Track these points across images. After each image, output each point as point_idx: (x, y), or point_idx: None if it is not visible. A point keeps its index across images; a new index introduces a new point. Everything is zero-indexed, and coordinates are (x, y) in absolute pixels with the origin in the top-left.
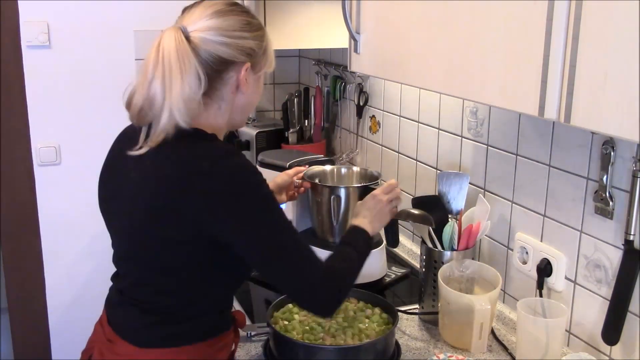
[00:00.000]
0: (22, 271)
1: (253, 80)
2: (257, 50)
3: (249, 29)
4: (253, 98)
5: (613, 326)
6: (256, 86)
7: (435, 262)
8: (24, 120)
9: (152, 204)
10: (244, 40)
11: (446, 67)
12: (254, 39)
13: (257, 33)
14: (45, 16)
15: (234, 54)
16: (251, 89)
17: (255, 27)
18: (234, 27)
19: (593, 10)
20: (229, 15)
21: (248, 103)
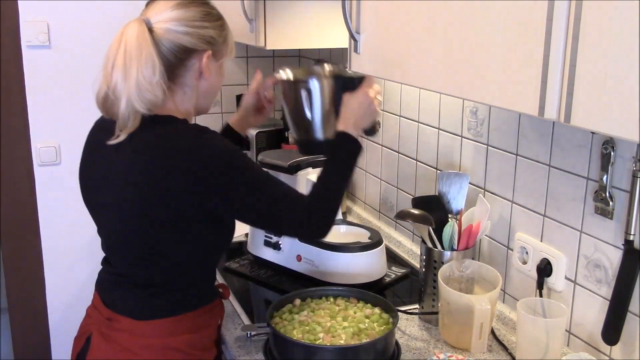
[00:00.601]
0: (22, 271)
1: (215, 67)
2: (218, 38)
3: (209, 19)
4: (216, 84)
5: (613, 326)
6: (218, 73)
7: (435, 262)
8: (24, 120)
9: (141, 187)
10: (204, 30)
11: (446, 67)
12: (214, 28)
13: (217, 23)
14: (45, 16)
15: (196, 43)
16: (213, 75)
17: (215, 17)
18: (194, 18)
19: (593, 10)
20: (190, 6)
21: (211, 88)
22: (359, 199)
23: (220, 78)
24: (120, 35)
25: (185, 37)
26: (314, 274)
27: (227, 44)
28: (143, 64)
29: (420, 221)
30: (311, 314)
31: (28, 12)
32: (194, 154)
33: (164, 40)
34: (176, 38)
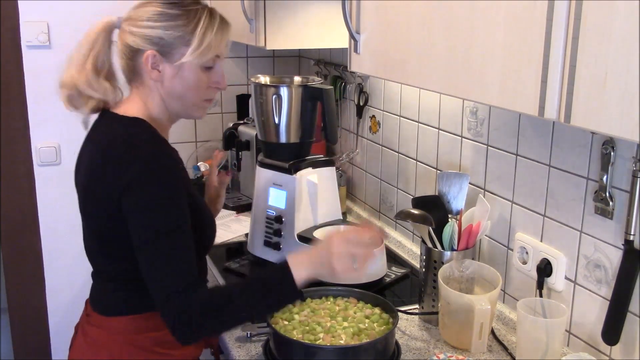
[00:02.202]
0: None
1: (171, 70)
2: (168, 39)
3: (160, 19)
4: (177, 87)
5: (613, 326)
6: (177, 76)
7: (435, 262)
8: (24, 120)
9: (84, 183)
10: (150, 30)
11: (446, 67)
12: (165, 28)
13: (169, 23)
14: (45, 16)
15: (138, 42)
16: (168, 77)
17: (169, 17)
18: (143, 17)
19: (593, 10)
20: (144, 6)
21: (172, 91)
22: (359, 199)
23: (181, 81)
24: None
25: (130, 36)
26: None
27: (190, 46)
28: (90, 59)
29: (420, 221)
30: (311, 314)
31: (28, 12)
32: (121, 164)
33: (119, 39)
34: (125, 37)
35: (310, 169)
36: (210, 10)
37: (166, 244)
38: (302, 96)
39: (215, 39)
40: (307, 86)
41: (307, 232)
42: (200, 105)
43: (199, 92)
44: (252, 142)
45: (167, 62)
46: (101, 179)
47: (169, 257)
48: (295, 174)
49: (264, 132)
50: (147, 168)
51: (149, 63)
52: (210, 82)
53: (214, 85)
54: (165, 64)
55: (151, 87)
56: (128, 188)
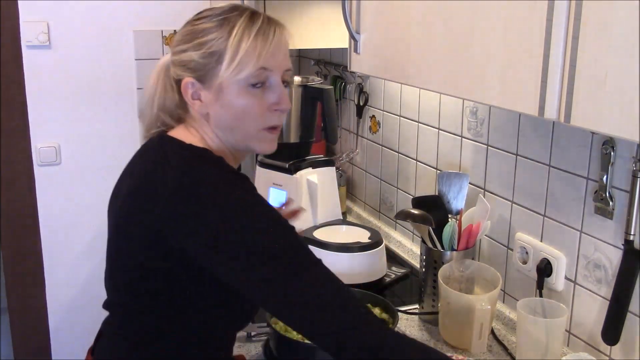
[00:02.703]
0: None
1: (212, 96)
2: (201, 60)
3: (190, 39)
4: (226, 114)
5: (613, 326)
6: (221, 101)
7: (435, 262)
8: (24, 120)
9: (118, 216)
10: (183, 54)
11: (446, 67)
12: (195, 48)
13: (200, 40)
14: (45, 16)
15: (177, 71)
16: (213, 105)
17: (199, 33)
18: (176, 42)
19: (593, 10)
20: (182, 29)
21: (223, 121)
22: (359, 199)
23: (226, 108)
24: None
25: (172, 67)
26: None
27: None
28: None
29: (420, 221)
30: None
31: (28, 12)
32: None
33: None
34: (172, 70)
35: (310, 169)
36: (251, 14)
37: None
38: (302, 96)
39: (255, 46)
40: (307, 86)
41: (307, 232)
42: (260, 136)
43: (252, 118)
44: None
45: (206, 88)
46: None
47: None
48: (295, 174)
49: None
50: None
51: (188, 93)
52: (266, 104)
53: (272, 107)
54: (205, 92)
55: (201, 122)
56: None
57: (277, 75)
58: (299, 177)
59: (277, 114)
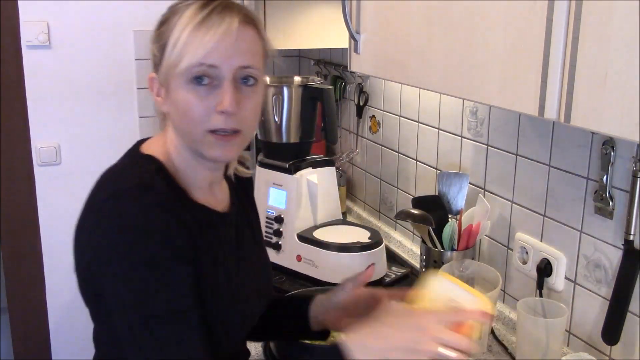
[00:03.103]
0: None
1: (165, 91)
2: (157, 53)
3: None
4: (172, 113)
5: (613, 326)
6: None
7: (435, 262)
8: (24, 120)
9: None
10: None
11: (446, 67)
12: (152, 40)
13: (156, 32)
14: (45, 16)
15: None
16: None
17: (157, 25)
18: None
19: (593, 10)
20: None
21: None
22: (359, 198)
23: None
24: None
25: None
26: (314, 274)
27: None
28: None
29: (420, 221)
30: None
31: (28, 12)
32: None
33: None
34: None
35: (310, 169)
36: (204, 3)
37: (155, 333)
38: (302, 96)
39: (196, 37)
40: (307, 86)
41: (307, 232)
42: (206, 141)
43: (195, 119)
44: (252, 142)
45: (159, 83)
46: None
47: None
48: (295, 174)
49: (264, 132)
50: (117, 234)
51: (153, 90)
52: (212, 105)
53: (217, 108)
54: (162, 88)
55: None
56: (97, 259)
57: (226, 72)
58: (299, 177)
59: (223, 116)
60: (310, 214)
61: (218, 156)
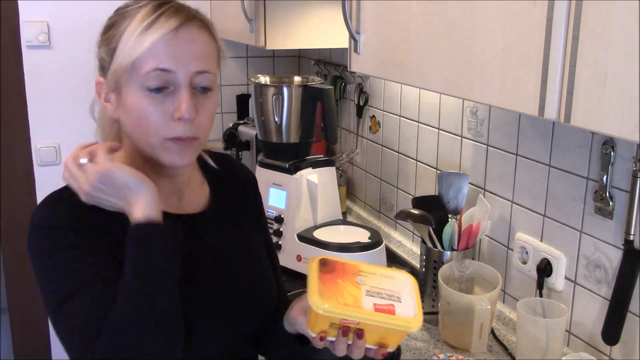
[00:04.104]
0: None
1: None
2: (106, 57)
3: (100, 35)
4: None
5: (613, 326)
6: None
7: (435, 262)
8: (24, 120)
9: None
10: (98, 51)
11: (446, 67)
12: (101, 45)
13: (104, 36)
14: (45, 16)
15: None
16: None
17: (105, 28)
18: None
19: (593, 10)
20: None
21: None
22: (359, 198)
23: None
24: None
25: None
26: None
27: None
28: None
29: (420, 221)
30: None
31: (28, 12)
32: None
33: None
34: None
35: (310, 169)
36: (157, 5)
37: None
38: (302, 96)
39: (149, 42)
40: (307, 86)
41: (307, 232)
42: (165, 147)
43: (152, 126)
44: (252, 142)
45: (110, 89)
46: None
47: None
48: (295, 174)
49: (264, 132)
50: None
51: (101, 95)
52: (169, 111)
53: (174, 115)
54: (112, 93)
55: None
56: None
57: (182, 78)
58: (299, 177)
59: (181, 123)
60: (310, 214)
61: (176, 162)
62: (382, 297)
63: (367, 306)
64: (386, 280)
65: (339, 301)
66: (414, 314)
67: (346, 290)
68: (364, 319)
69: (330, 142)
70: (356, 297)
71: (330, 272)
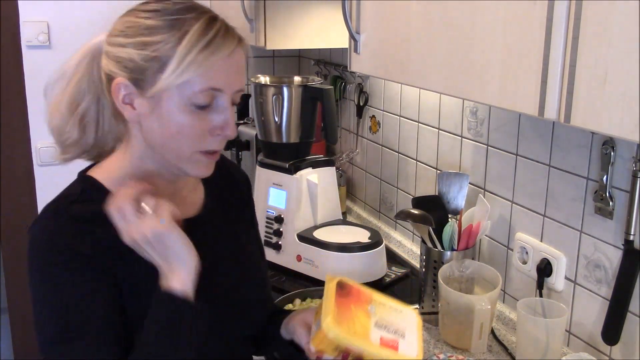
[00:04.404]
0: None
1: (147, 104)
2: (140, 62)
3: (132, 33)
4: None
5: (613, 326)
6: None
7: (435, 262)
8: (24, 120)
9: None
10: (121, 49)
11: (446, 67)
12: (136, 46)
13: (143, 39)
14: (45, 16)
15: (110, 67)
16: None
17: (145, 30)
18: (115, 32)
19: (593, 10)
20: (123, 16)
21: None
22: (359, 198)
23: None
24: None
25: (105, 59)
26: (314, 274)
27: (162, 70)
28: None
29: (420, 221)
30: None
31: (28, 12)
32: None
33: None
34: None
35: (310, 169)
36: (209, 20)
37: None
38: (302, 96)
39: (206, 61)
40: (307, 86)
41: (307, 232)
42: (194, 159)
43: (188, 139)
44: (252, 142)
45: (142, 94)
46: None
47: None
48: (295, 174)
49: (264, 132)
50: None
51: (119, 96)
52: (209, 126)
53: (215, 131)
54: (140, 98)
55: (132, 131)
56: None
57: (227, 96)
58: (299, 177)
59: (219, 138)
60: (310, 214)
61: (203, 174)
62: (388, 331)
63: (374, 338)
64: (394, 314)
65: (349, 329)
66: (415, 354)
67: (357, 318)
68: (368, 352)
69: (330, 142)
70: (365, 327)
71: (346, 296)
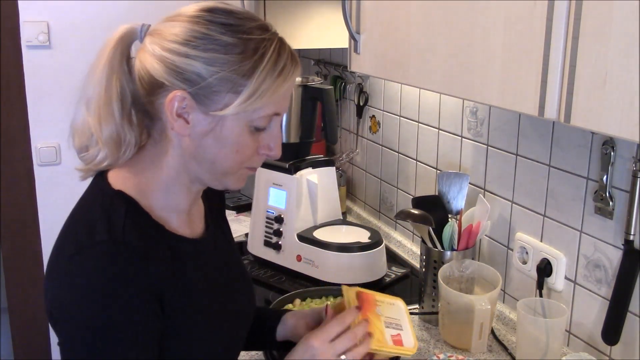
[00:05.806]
0: (22, 271)
1: (206, 123)
2: (211, 80)
3: (202, 45)
4: (213, 147)
5: (613, 326)
6: (214, 133)
7: (435, 262)
8: (24, 120)
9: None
10: (185, 59)
11: (446, 67)
12: (208, 62)
13: (217, 55)
14: (45, 16)
15: (163, 74)
16: (202, 133)
17: (219, 45)
18: (174, 36)
19: (593, 10)
20: (180, 19)
21: (205, 153)
22: (359, 198)
23: (217, 141)
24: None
25: (153, 60)
26: (314, 274)
27: (236, 93)
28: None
29: (420, 221)
30: None
31: (28, 12)
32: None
33: (138, 58)
34: (144, 59)
35: (310, 169)
36: (280, 45)
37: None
38: (302, 96)
39: (280, 87)
40: (307, 86)
41: (307, 232)
42: (239, 174)
43: (240, 158)
44: None
45: (202, 111)
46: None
47: None
48: (295, 174)
49: None
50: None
51: (173, 108)
52: (258, 145)
53: (262, 150)
54: (198, 113)
55: (172, 139)
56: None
57: (281, 117)
58: (299, 177)
59: (264, 157)
60: (310, 214)
61: (239, 186)
62: (393, 327)
63: (388, 339)
64: (392, 309)
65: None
66: (413, 342)
67: (375, 325)
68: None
69: (330, 142)
70: (381, 331)
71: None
